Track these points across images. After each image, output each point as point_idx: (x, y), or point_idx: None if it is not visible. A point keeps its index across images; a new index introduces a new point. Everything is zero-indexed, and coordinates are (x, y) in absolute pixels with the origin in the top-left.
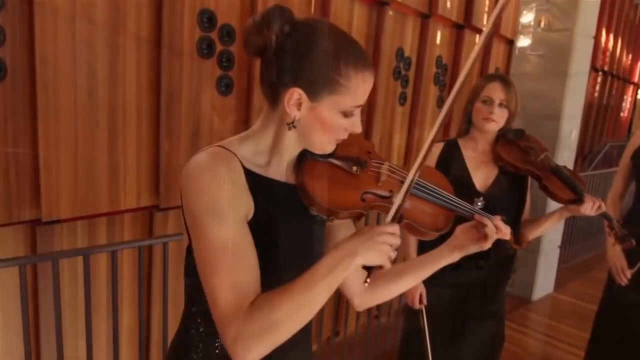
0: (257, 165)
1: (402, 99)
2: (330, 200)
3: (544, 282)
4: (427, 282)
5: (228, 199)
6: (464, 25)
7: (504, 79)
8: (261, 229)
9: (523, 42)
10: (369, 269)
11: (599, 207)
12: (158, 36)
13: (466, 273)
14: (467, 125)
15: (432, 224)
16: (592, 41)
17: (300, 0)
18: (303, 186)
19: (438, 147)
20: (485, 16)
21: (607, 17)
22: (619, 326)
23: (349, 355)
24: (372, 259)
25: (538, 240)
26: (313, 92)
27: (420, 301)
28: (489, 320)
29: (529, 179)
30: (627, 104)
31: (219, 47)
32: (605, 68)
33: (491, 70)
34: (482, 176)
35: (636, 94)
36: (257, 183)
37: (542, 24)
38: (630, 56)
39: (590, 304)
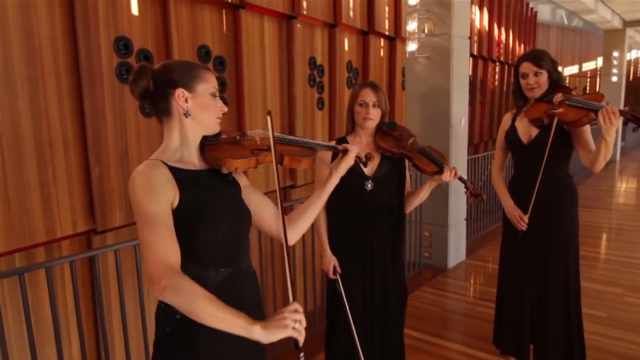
0: (175, 161)
1: (320, 103)
2: (231, 156)
3: (456, 252)
4: (337, 255)
5: (153, 194)
6: (368, 31)
7: (373, 85)
8: (189, 201)
9: (411, 46)
10: (295, 343)
11: (455, 174)
12: (76, 65)
13: (369, 241)
14: (353, 125)
15: (302, 154)
16: (467, 42)
17: (212, 18)
18: (214, 155)
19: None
20: (387, 22)
21: (497, 14)
22: (516, 272)
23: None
24: (277, 337)
25: (446, 216)
26: (189, 87)
27: (335, 272)
28: (393, 277)
29: (405, 160)
30: None
31: None
32: (502, 59)
33: (398, 70)
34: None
35: None
36: (178, 173)
37: (426, 30)
38: (522, 46)
39: (496, 264)
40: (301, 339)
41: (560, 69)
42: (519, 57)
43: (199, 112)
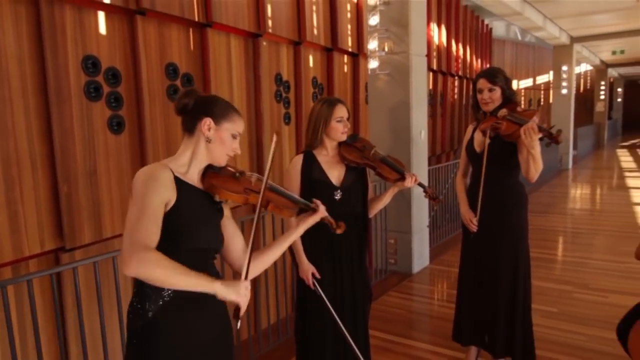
0: (180, 173)
1: (287, 118)
2: (226, 188)
3: (420, 258)
4: (314, 263)
5: (154, 187)
6: (331, 48)
7: (343, 101)
8: (180, 208)
9: (373, 64)
10: (236, 312)
11: (415, 179)
12: (44, 84)
13: (339, 246)
14: (321, 139)
15: (286, 205)
16: (425, 59)
17: (180, 37)
18: (212, 182)
19: (300, 158)
20: (349, 39)
21: (454, 31)
22: (472, 272)
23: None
24: (230, 296)
25: (409, 224)
26: (216, 120)
27: (314, 278)
28: (359, 278)
29: (367, 169)
30: None
31: (106, 89)
32: (460, 73)
33: (361, 85)
34: (335, 174)
35: None
36: (180, 183)
37: (386, 49)
38: (479, 61)
39: (457, 268)
40: (244, 308)
41: (515, 82)
42: (477, 74)
43: (215, 143)
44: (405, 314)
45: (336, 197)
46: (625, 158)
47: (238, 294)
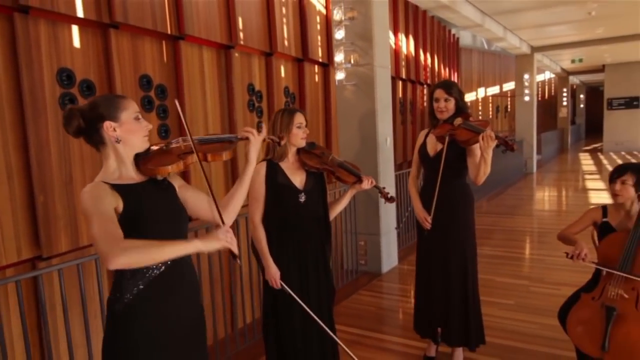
0: (115, 179)
1: (260, 127)
2: (162, 164)
3: (389, 258)
4: (277, 261)
5: (98, 199)
6: (302, 59)
7: (301, 110)
8: (131, 206)
9: (340, 75)
10: (232, 255)
11: (372, 182)
12: (19, 97)
13: (305, 246)
14: (280, 146)
15: (222, 148)
16: (388, 70)
17: (153, 49)
18: (148, 167)
19: (263, 165)
20: (320, 50)
21: (422, 41)
22: (427, 267)
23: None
24: (213, 245)
25: (378, 226)
26: (112, 118)
27: (281, 279)
28: (323, 276)
29: (324, 174)
30: None
31: (81, 100)
32: (429, 81)
33: (332, 94)
34: (298, 179)
35: None
36: (118, 187)
37: (352, 61)
38: (447, 69)
39: None
40: (234, 249)
41: (482, 90)
42: (434, 85)
43: (127, 136)
44: (375, 310)
45: (301, 200)
46: (586, 161)
47: (219, 239)
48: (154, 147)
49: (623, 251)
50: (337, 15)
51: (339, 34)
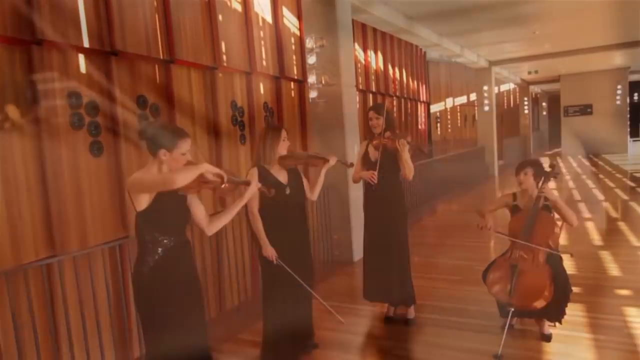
0: None
1: (242, 139)
2: (188, 187)
3: (359, 247)
4: (272, 241)
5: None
6: (279, 76)
7: (283, 126)
8: (159, 201)
9: (312, 94)
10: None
11: (335, 158)
12: (36, 117)
13: (293, 227)
14: (270, 154)
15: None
16: (354, 89)
17: (148, 72)
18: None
19: (255, 170)
20: (295, 68)
21: (390, 56)
22: (372, 245)
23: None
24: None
25: (348, 217)
26: (168, 148)
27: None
28: (305, 252)
29: (299, 168)
30: (422, 117)
31: (87, 119)
32: (397, 94)
33: (308, 109)
34: (282, 176)
35: (428, 109)
36: None
37: (323, 81)
38: (415, 81)
39: None
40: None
41: (451, 100)
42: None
43: (171, 163)
44: (348, 289)
45: (287, 192)
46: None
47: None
48: None
49: (525, 223)
50: (309, 43)
51: (312, 59)
